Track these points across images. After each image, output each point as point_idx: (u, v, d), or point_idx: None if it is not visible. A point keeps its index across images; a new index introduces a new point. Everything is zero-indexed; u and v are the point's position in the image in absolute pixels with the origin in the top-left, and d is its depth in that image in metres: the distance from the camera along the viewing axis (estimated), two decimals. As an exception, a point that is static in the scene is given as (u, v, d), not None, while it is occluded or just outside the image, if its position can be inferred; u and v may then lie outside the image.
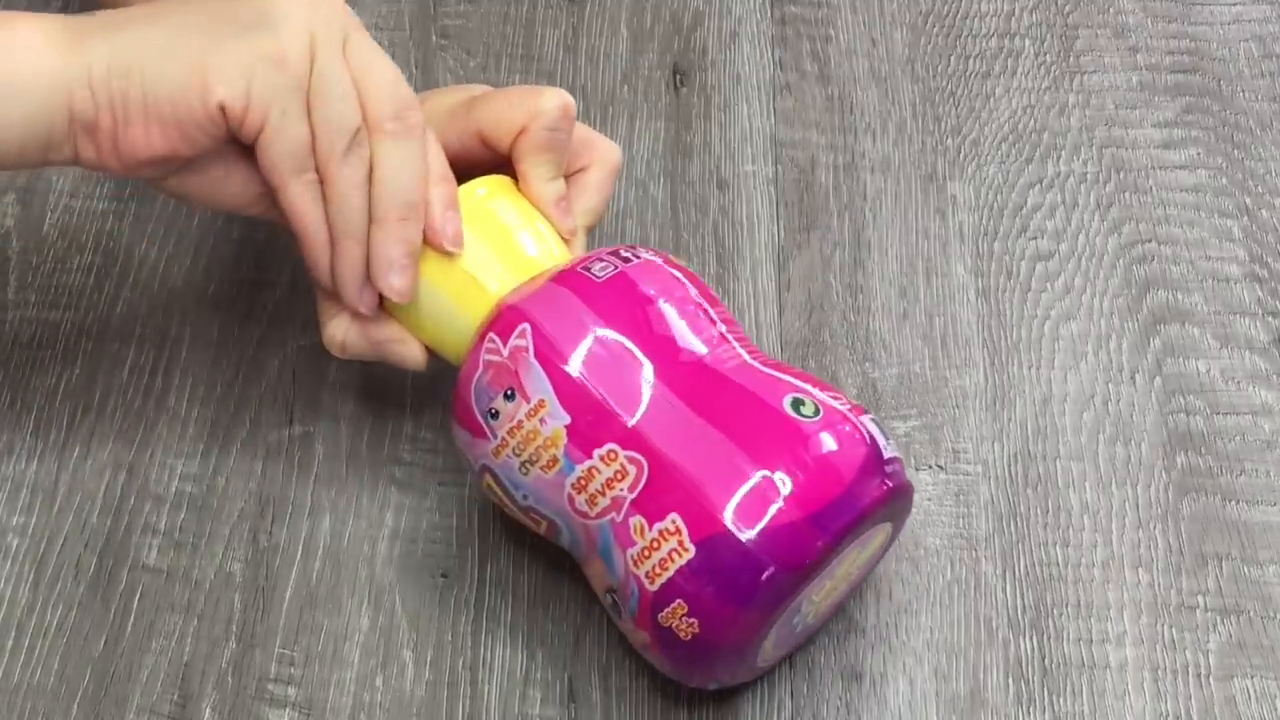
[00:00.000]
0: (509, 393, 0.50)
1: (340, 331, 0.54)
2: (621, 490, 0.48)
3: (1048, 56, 0.72)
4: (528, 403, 0.49)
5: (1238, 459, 0.60)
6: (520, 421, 0.50)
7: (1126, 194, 0.67)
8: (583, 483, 0.49)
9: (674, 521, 0.47)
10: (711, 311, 0.52)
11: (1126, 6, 0.74)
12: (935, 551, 0.57)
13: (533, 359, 0.49)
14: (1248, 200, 0.67)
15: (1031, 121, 0.70)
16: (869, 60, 0.72)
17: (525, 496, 0.51)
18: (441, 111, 0.56)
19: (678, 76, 0.71)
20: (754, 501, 0.47)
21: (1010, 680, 0.54)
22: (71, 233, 0.65)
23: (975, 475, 0.59)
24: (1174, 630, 0.55)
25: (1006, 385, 0.62)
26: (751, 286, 0.64)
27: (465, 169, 0.54)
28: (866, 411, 0.50)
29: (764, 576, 0.47)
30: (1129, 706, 0.54)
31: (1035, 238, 0.66)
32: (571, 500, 0.49)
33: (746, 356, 0.51)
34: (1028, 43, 0.73)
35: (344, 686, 0.54)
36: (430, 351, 0.54)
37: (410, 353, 0.54)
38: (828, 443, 0.48)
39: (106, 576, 0.56)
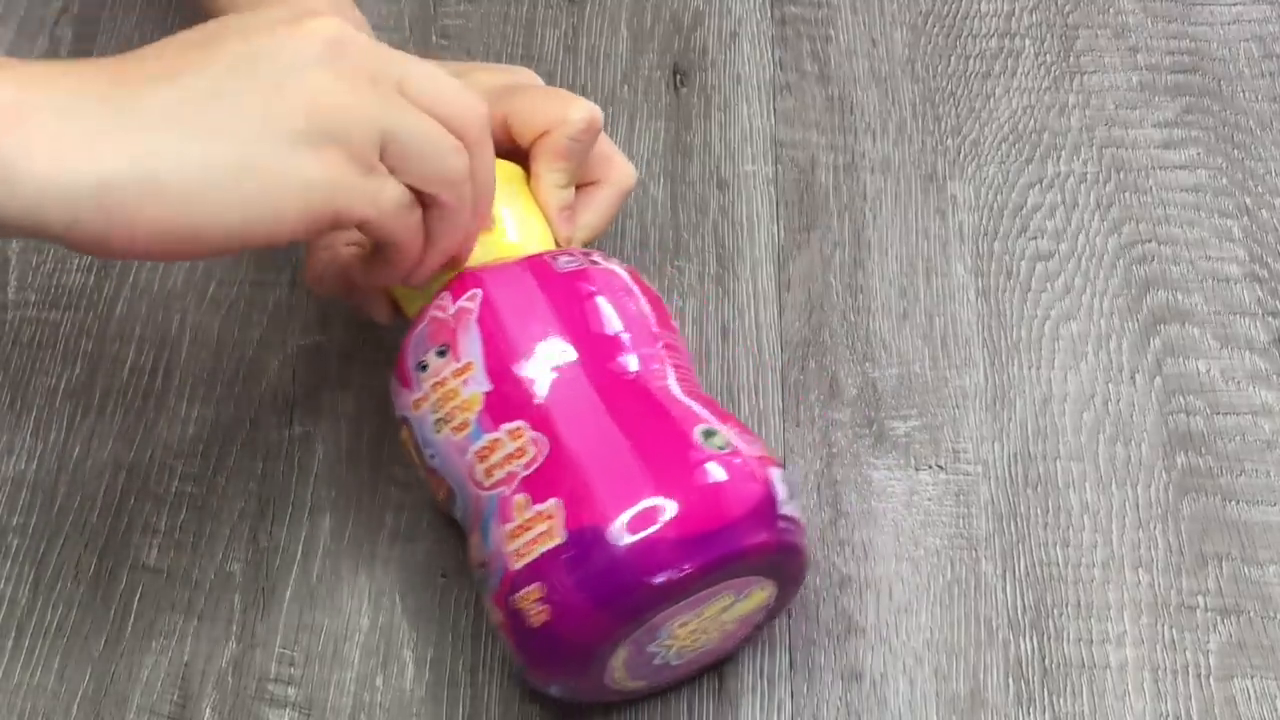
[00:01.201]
0: (442, 349, 0.50)
1: (323, 267, 0.55)
2: (518, 466, 0.49)
3: (1048, 56, 0.72)
4: (456, 362, 0.50)
5: (1238, 459, 0.60)
6: (445, 379, 0.50)
7: (1126, 194, 0.67)
8: (485, 452, 0.49)
9: (554, 505, 0.47)
10: (660, 334, 0.52)
11: (1126, 6, 0.74)
12: (935, 551, 0.57)
13: (474, 322, 0.50)
14: (1248, 200, 0.67)
15: (1031, 121, 0.70)
16: (869, 60, 0.72)
17: (433, 456, 0.51)
18: (480, 88, 0.55)
19: (678, 76, 0.71)
20: (635, 508, 0.46)
21: (1010, 680, 0.54)
22: (71, 233, 0.65)
23: (975, 475, 0.59)
24: (1174, 630, 0.55)
25: (1006, 385, 0.62)
26: (751, 286, 0.64)
27: None
28: (782, 467, 0.50)
29: (622, 581, 0.46)
30: (1129, 707, 0.54)
31: (1035, 238, 0.66)
32: (471, 468, 0.50)
33: (676, 384, 0.51)
34: (1028, 43, 0.73)
35: (344, 686, 0.54)
36: (400, 313, 0.55)
37: (378, 308, 0.56)
38: (722, 477, 0.47)
39: (106, 576, 0.56)
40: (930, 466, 0.59)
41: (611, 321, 0.51)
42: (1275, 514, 0.58)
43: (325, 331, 0.62)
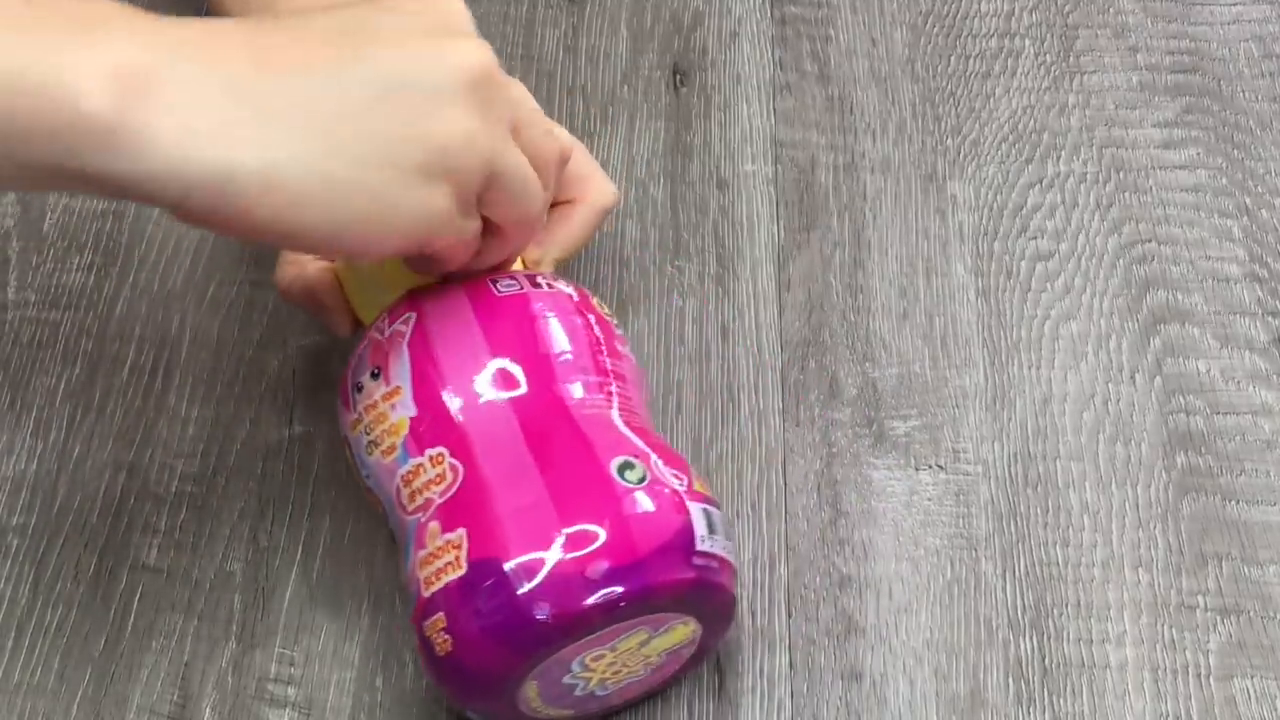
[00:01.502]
0: (375, 371, 0.51)
1: (290, 280, 0.56)
2: (435, 493, 0.48)
3: (1048, 56, 0.72)
4: (386, 385, 0.50)
5: (1238, 459, 0.60)
6: (375, 402, 0.50)
7: (1126, 194, 0.67)
8: (410, 477, 0.49)
9: (460, 535, 0.47)
10: (604, 360, 0.51)
11: (1126, 6, 0.74)
12: (935, 551, 0.57)
13: (405, 346, 0.50)
14: (1248, 200, 0.67)
15: (1031, 121, 0.70)
16: (869, 60, 0.72)
17: (367, 476, 0.52)
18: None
19: (678, 76, 0.71)
20: (537, 542, 0.46)
21: (1010, 680, 0.54)
22: (71, 233, 0.65)
23: (975, 475, 0.59)
24: (1174, 630, 0.55)
25: (1006, 385, 0.62)
26: (751, 286, 0.64)
27: None
28: (711, 504, 0.49)
29: (518, 618, 0.45)
30: (1129, 706, 0.54)
31: (1035, 238, 0.66)
32: (399, 491, 0.50)
33: (617, 413, 0.50)
34: (1028, 43, 0.73)
35: (344, 686, 0.54)
36: (359, 324, 0.56)
37: (338, 323, 0.56)
38: (635, 512, 0.47)
39: (106, 576, 0.56)
40: (930, 466, 0.59)
41: (546, 347, 0.50)
42: (1275, 514, 0.58)
43: (325, 331, 0.62)
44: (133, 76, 0.40)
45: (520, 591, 0.45)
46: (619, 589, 0.46)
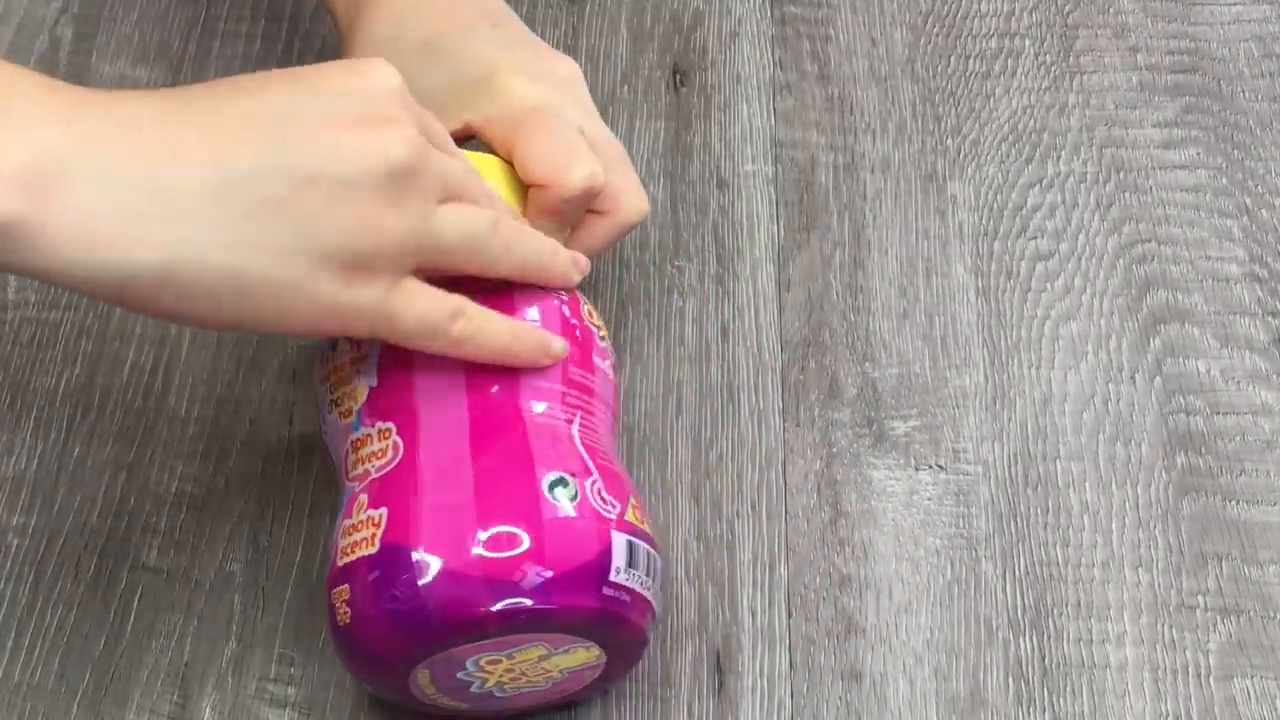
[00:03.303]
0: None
1: None
2: (373, 467, 0.49)
3: (1048, 56, 0.72)
4: (357, 350, 0.51)
5: (1238, 459, 0.60)
6: (344, 363, 0.51)
7: (1126, 194, 0.67)
8: (357, 445, 0.50)
9: (382, 515, 0.47)
10: (574, 373, 0.51)
11: (1126, 6, 0.74)
12: (935, 551, 0.57)
13: None
14: (1248, 200, 0.67)
15: (1031, 121, 0.70)
16: (869, 60, 0.72)
17: (325, 432, 0.52)
18: (509, 102, 0.55)
19: (678, 76, 0.71)
20: (450, 541, 0.46)
21: (1010, 680, 0.54)
22: (71, 233, 0.65)
23: (975, 475, 0.59)
24: (1174, 630, 0.55)
25: (1006, 385, 0.62)
26: (751, 286, 0.64)
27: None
28: (641, 537, 0.48)
29: (416, 608, 0.45)
30: (1129, 706, 0.54)
31: (1035, 238, 0.66)
32: (346, 455, 0.50)
33: (573, 426, 0.50)
34: (1028, 43, 0.73)
35: (344, 686, 0.54)
36: None
37: None
38: (552, 530, 0.46)
39: (106, 576, 0.56)
40: (930, 466, 0.59)
41: None
42: (1275, 514, 0.58)
43: (325, 331, 0.62)
44: (40, 176, 0.40)
45: (420, 584, 0.45)
46: (517, 603, 0.45)
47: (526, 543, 0.46)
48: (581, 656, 0.49)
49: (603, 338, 0.53)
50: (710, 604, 0.56)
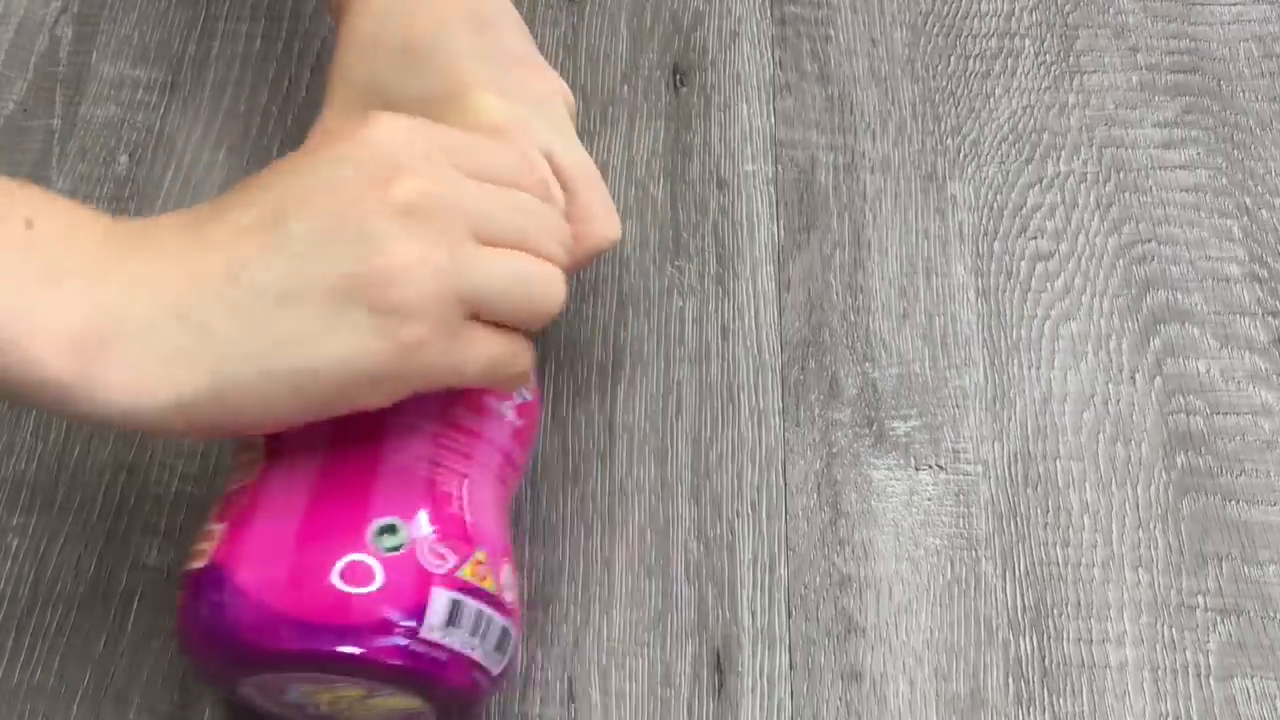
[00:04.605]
0: None
1: None
2: (236, 479, 0.49)
3: (1048, 56, 0.72)
4: None
5: (1238, 459, 0.60)
6: None
7: (1126, 194, 0.67)
8: (238, 452, 0.50)
9: (220, 530, 0.47)
10: (458, 413, 0.49)
11: (1126, 6, 0.74)
12: (935, 551, 0.57)
13: None
14: (1248, 200, 0.67)
15: (1031, 121, 0.70)
16: (869, 60, 0.72)
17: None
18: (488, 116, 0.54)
19: (678, 76, 0.71)
20: (265, 572, 0.45)
21: (1010, 680, 0.55)
22: (71, 233, 0.65)
23: (975, 475, 0.59)
24: (1174, 630, 0.55)
25: (1006, 385, 0.62)
26: (751, 286, 0.64)
27: None
28: (474, 595, 0.46)
29: (222, 632, 0.45)
30: (1129, 706, 0.54)
31: (1035, 238, 0.66)
32: (236, 456, 0.51)
33: (439, 471, 0.48)
34: (1028, 43, 0.73)
35: (344, 686, 0.54)
36: None
37: None
38: (365, 577, 0.45)
39: (106, 576, 0.56)
40: (930, 466, 0.59)
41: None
42: (1275, 514, 0.58)
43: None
44: (89, 339, 0.42)
45: (228, 609, 0.45)
46: (311, 646, 0.44)
47: (337, 585, 0.44)
48: (402, 703, 0.47)
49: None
50: (710, 604, 0.56)
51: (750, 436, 0.60)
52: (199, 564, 0.47)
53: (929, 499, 0.59)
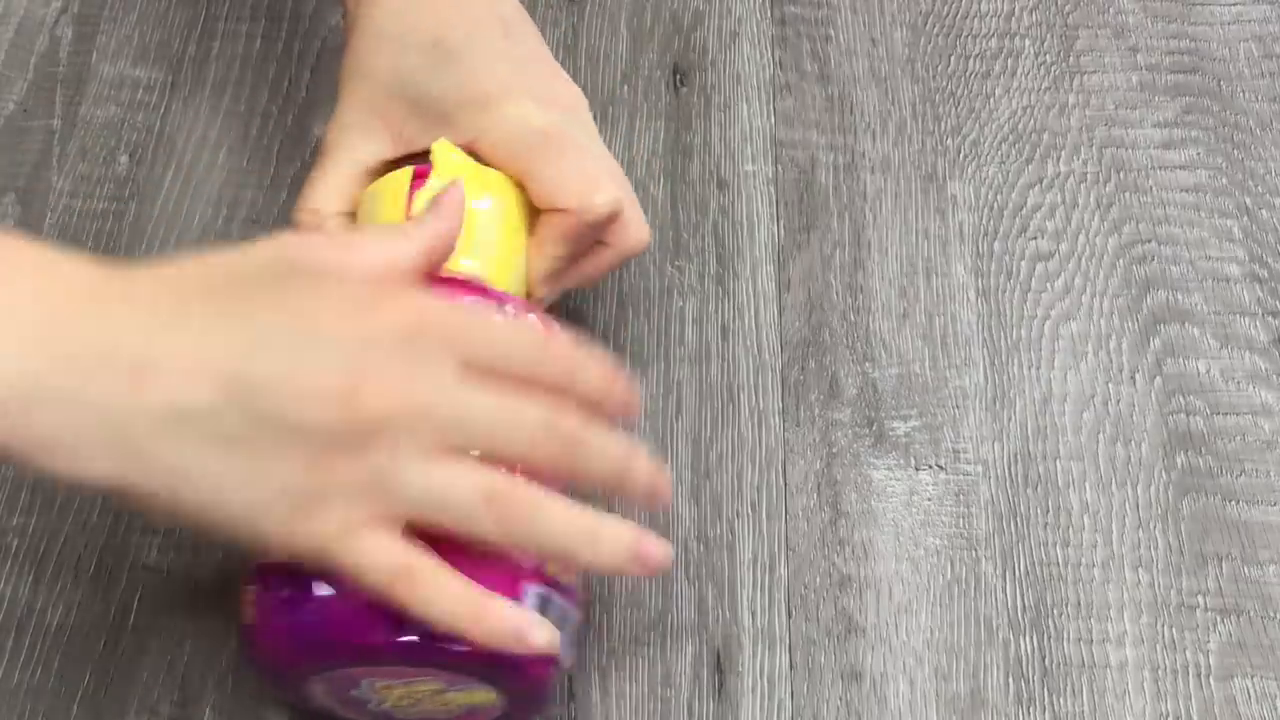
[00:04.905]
0: None
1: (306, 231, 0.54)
2: None
3: (1048, 56, 0.72)
4: None
5: (1238, 459, 0.60)
6: None
7: (1126, 194, 0.67)
8: None
9: None
10: None
11: (1126, 6, 0.74)
12: (935, 551, 0.57)
13: None
14: (1248, 200, 0.67)
15: (1031, 121, 0.70)
16: (869, 60, 0.72)
17: None
18: (517, 128, 0.53)
19: (678, 76, 0.71)
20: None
21: (1010, 680, 0.55)
22: (71, 233, 0.65)
23: (975, 475, 0.59)
24: (1174, 630, 0.55)
25: (1006, 385, 0.62)
26: (751, 286, 0.64)
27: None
28: (558, 589, 0.47)
29: (309, 623, 0.45)
30: (1129, 706, 0.54)
31: (1035, 238, 0.66)
32: None
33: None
34: (1028, 43, 0.73)
35: (344, 686, 0.54)
36: None
37: None
38: (463, 572, 0.44)
39: (106, 576, 0.56)
40: (930, 466, 0.59)
41: None
42: (1275, 514, 0.58)
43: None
44: (12, 401, 0.41)
45: (317, 603, 0.45)
46: (405, 639, 0.45)
47: None
48: (479, 697, 0.48)
49: None
50: (710, 604, 0.56)
51: (750, 436, 0.60)
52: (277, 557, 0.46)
53: (929, 499, 0.59)
